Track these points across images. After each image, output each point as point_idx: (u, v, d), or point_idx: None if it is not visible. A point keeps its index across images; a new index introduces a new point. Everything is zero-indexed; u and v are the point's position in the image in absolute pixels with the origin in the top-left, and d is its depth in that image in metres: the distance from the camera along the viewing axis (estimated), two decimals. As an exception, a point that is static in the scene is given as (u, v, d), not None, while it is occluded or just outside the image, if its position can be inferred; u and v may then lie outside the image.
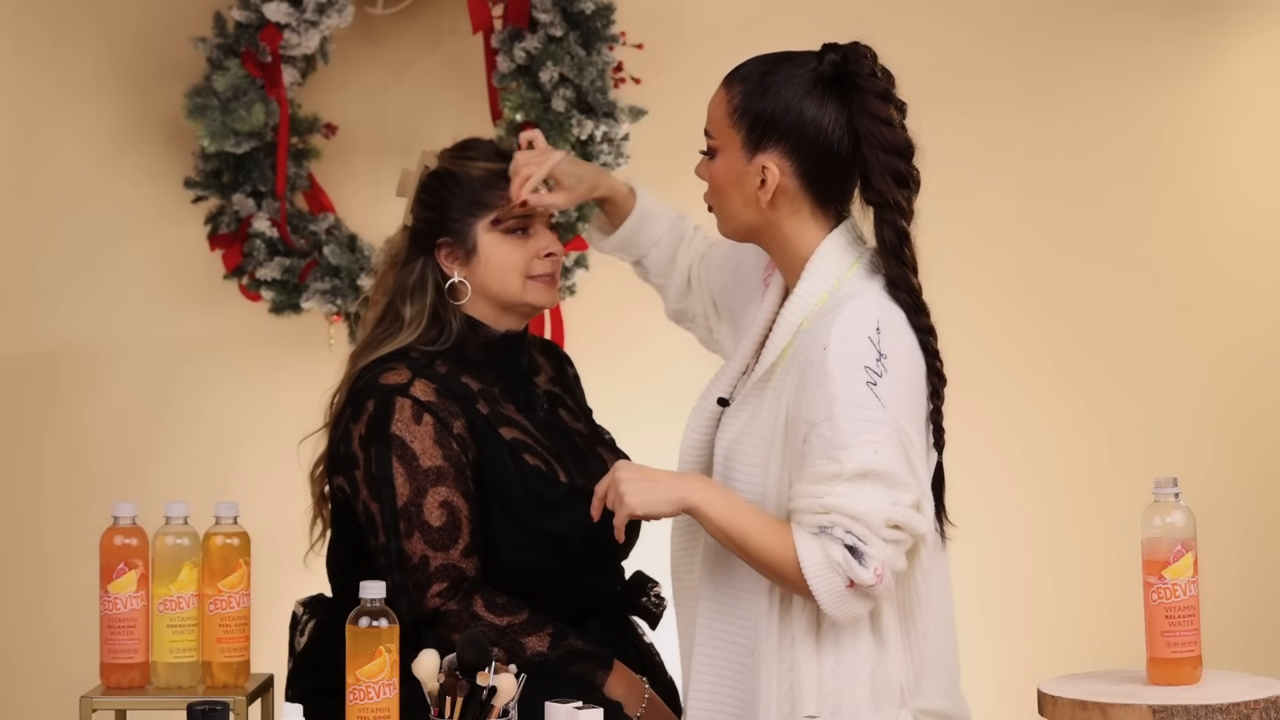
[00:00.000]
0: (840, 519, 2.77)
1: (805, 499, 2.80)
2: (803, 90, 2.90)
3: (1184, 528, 2.96)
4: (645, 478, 2.88)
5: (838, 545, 2.77)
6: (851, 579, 2.77)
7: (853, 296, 2.88)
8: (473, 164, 3.27)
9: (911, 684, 2.89)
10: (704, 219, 4.62)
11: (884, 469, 2.77)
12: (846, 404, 2.78)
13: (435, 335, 3.24)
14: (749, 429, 2.93)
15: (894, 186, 2.89)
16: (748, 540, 2.82)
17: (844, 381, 2.79)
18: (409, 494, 3.12)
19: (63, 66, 4.51)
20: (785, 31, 4.60)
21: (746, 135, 2.92)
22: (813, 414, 2.80)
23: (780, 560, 2.80)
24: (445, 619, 3.09)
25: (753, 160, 2.92)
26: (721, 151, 2.96)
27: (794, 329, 2.91)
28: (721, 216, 3.01)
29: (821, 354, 2.81)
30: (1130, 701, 2.83)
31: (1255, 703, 2.83)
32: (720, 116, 2.96)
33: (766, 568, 2.83)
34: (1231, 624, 4.49)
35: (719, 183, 2.98)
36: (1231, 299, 4.72)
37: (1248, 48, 4.73)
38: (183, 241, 4.49)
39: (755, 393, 2.95)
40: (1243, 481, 4.69)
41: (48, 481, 4.49)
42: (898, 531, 2.80)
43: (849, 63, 2.91)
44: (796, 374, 2.86)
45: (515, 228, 3.25)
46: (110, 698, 3.22)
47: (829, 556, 2.77)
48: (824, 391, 2.79)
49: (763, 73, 2.94)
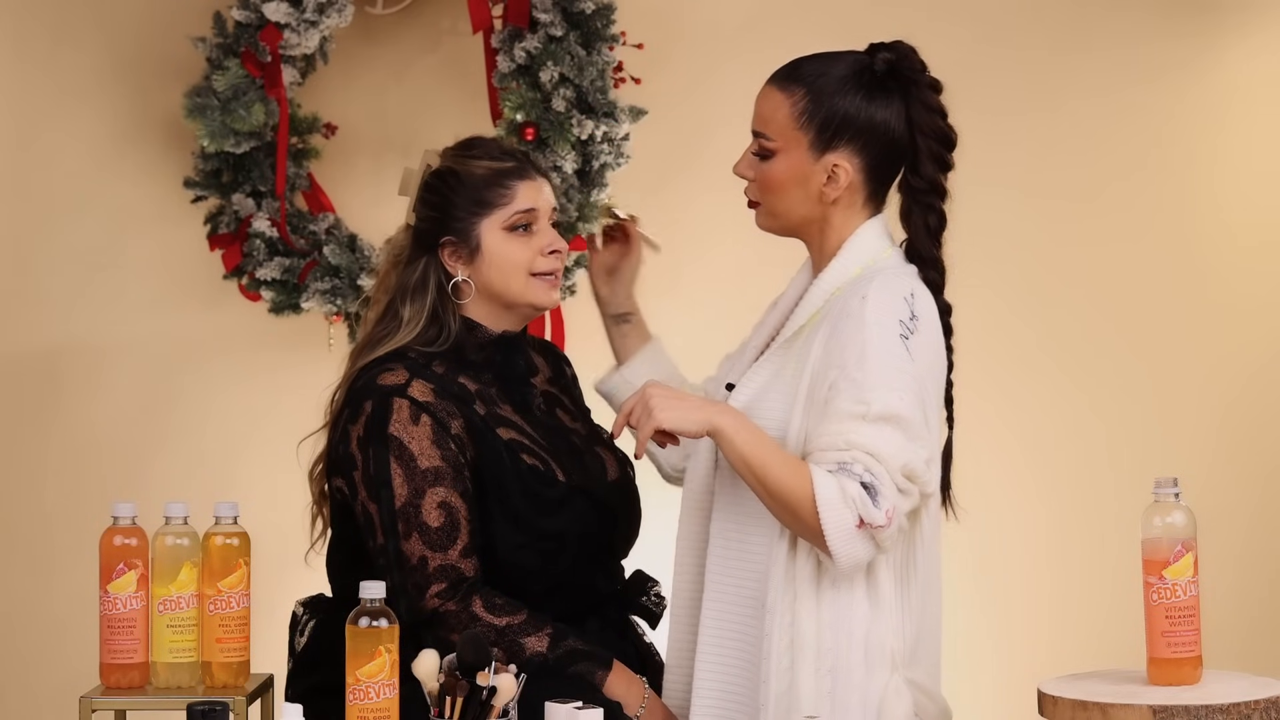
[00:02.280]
0: (860, 455, 2.83)
1: (828, 437, 2.85)
2: (867, 90, 3.00)
3: (1184, 528, 2.96)
4: (676, 395, 2.93)
5: (854, 481, 2.82)
6: (863, 517, 2.81)
7: (887, 269, 2.99)
8: (476, 163, 3.27)
9: (903, 652, 2.94)
10: (708, 218, 4.64)
11: (907, 416, 2.85)
12: (879, 349, 2.87)
13: (434, 335, 3.24)
14: (772, 385, 2.98)
15: (939, 171, 3.03)
16: (767, 470, 2.86)
17: (879, 329, 2.88)
18: (407, 495, 3.11)
19: (62, 67, 4.50)
20: (785, 31, 4.62)
21: (816, 136, 2.99)
22: (844, 358, 2.88)
23: (796, 493, 2.84)
24: (444, 620, 3.09)
25: (821, 159, 3.00)
26: (783, 153, 3.01)
27: (827, 296, 2.99)
28: (771, 212, 3.06)
29: (860, 303, 2.90)
30: (1130, 701, 2.83)
31: (1255, 703, 2.83)
32: (783, 119, 3.01)
33: (780, 501, 2.86)
34: (1233, 624, 4.49)
35: (778, 181, 3.03)
36: (1233, 299, 4.72)
37: (1247, 48, 4.73)
38: (183, 241, 4.49)
39: (778, 354, 3.01)
40: (1244, 482, 4.69)
41: (48, 481, 4.49)
42: (909, 482, 2.86)
43: (902, 59, 3.02)
44: (829, 327, 2.93)
45: (519, 223, 3.25)
46: (110, 698, 3.22)
47: (844, 491, 2.82)
48: (859, 337, 2.87)
49: (822, 74, 3.01)
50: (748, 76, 4.58)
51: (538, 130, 4.31)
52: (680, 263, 4.62)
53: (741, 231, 4.57)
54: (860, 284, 2.96)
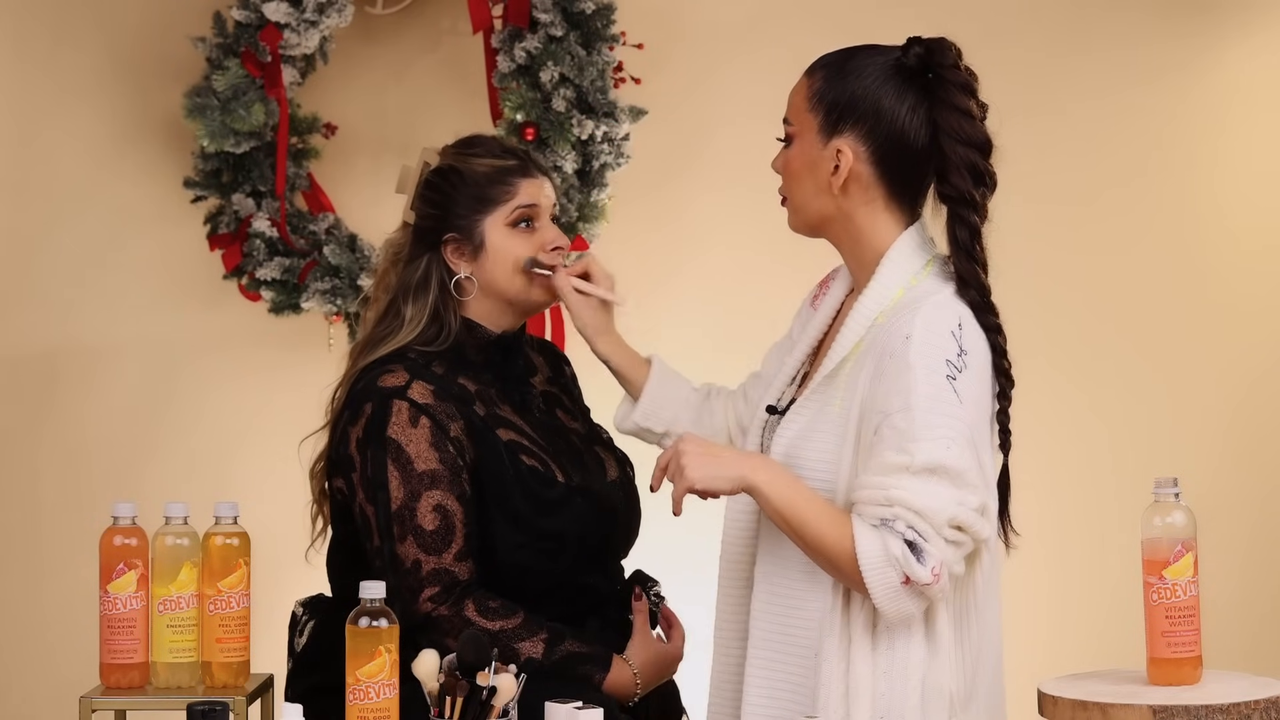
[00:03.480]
0: (903, 513, 2.73)
1: (870, 489, 2.76)
2: (883, 77, 2.89)
3: (1184, 528, 2.96)
4: (709, 452, 2.84)
5: (897, 539, 2.73)
6: (908, 575, 2.74)
7: (930, 294, 2.86)
8: (478, 160, 3.27)
9: (963, 694, 2.86)
10: (708, 218, 4.64)
11: (954, 466, 2.74)
12: (925, 395, 2.75)
13: (434, 335, 3.24)
14: (816, 425, 2.88)
15: (970, 182, 2.90)
16: (804, 526, 2.78)
17: (924, 373, 2.76)
18: (403, 498, 3.11)
19: (62, 67, 4.50)
20: (785, 31, 4.62)
21: (824, 119, 2.90)
22: (888, 404, 2.77)
23: (836, 549, 2.76)
24: (437, 624, 3.09)
25: (828, 144, 2.90)
26: (798, 137, 2.93)
27: (868, 323, 2.88)
28: (793, 207, 2.97)
29: (904, 343, 2.78)
30: (1130, 701, 2.83)
31: (1256, 703, 2.83)
32: (799, 102, 2.93)
33: (821, 556, 2.79)
34: (1236, 625, 4.49)
35: (794, 168, 2.94)
36: (1235, 301, 4.72)
37: (1247, 48, 4.73)
38: (182, 241, 4.49)
39: (821, 390, 2.90)
40: (1245, 483, 4.69)
41: (47, 481, 4.49)
42: (959, 533, 2.76)
43: (933, 55, 2.92)
44: (873, 364, 2.82)
45: (522, 217, 3.25)
46: (110, 698, 3.22)
47: (887, 550, 2.74)
48: (903, 381, 2.76)
49: (844, 59, 2.93)
50: (748, 76, 4.62)
51: (538, 130, 4.31)
52: (680, 263, 4.63)
53: (741, 231, 4.59)
54: (903, 314, 2.83)
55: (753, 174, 4.57)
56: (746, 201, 4.59)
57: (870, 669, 2.81)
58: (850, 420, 2.83)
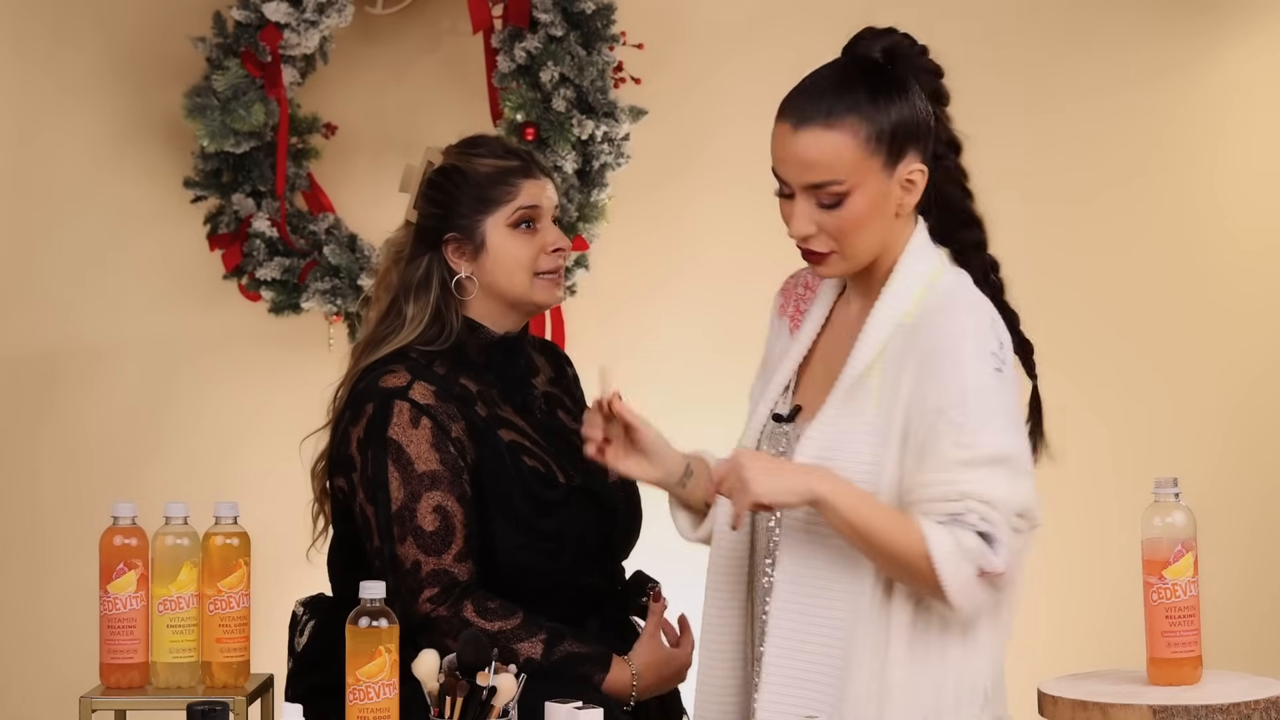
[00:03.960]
0: (975, 505, 2.73)
1: (935, 486, 2.75)
2: (893, 89, 2.85)
3: (1184, 528, 2.96)
4: (771, 466, 2.79)
5: (969, 532, 2.72)
6: (982, 567, 2.73)
7: (958, 289, 2.87)
8: (481, 160, 3.27)
9: (994, 688, 2.85)
10: (708, 218, 4.63)
11: (1013, 454, 2.77)
12: (979, 389, 2.76)
13: (435, 334, 3.24)
14: (849, 430, 2.83)
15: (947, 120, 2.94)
16: (874, 533, 2.75)
17: (976, 367, 2.78)
18: (403, 498, 3.11)
19: (62, 67, 4.50)
20: (785, 31, 4.62)
21: (886, 155, 2.82)
22: (942, 400, 2.76)
23: (909, 551, 2.73)
24: (436, 625, 3.09)
25: (894, 175, 2.84)
26: (858, 188, 2.81)
27: (894, 325, 2.85)
28: (851, 254, 2.86)
29: (952, 341, 2.79)
30: (1130, 701, 2.83)
31: (1256, 703, 2.83)
32: (850, 156, 2.81)
33: (893, 560, 2.76)
34: (1236, 625, 4.48)
35: (861, 219, 2.83)
36: (1236, 302, 4.72)
37: (1247, 48, 4.73)
38: (182, 241, 4.49)
39: (849, 395, 2.86)
40: (1246, 483, 4.69)
41: (47, 481, 4.49)
42: (1022, 520, 2.78)
43: (890, 43, 2.90)
44: (915, 364, 2.80)
45: (524, 218, 3.24)
46: (110, 698, 3.22)
47: (960, 545, 2.72)
48: (956, 377, 2.77)
49: (849, 93, 2.83)
50: (748, 76, 4.61)
51: (538, 130, 4.31)
52: (680, 263, 4.63)
53: (741, 231, 4.59)
54: (941, 313, 2.82)
55: (753, 174, 4.57)
56: (746, 201, 4.58)
57: (907, 670, 2.78)
58: (893, 422, 2.81)
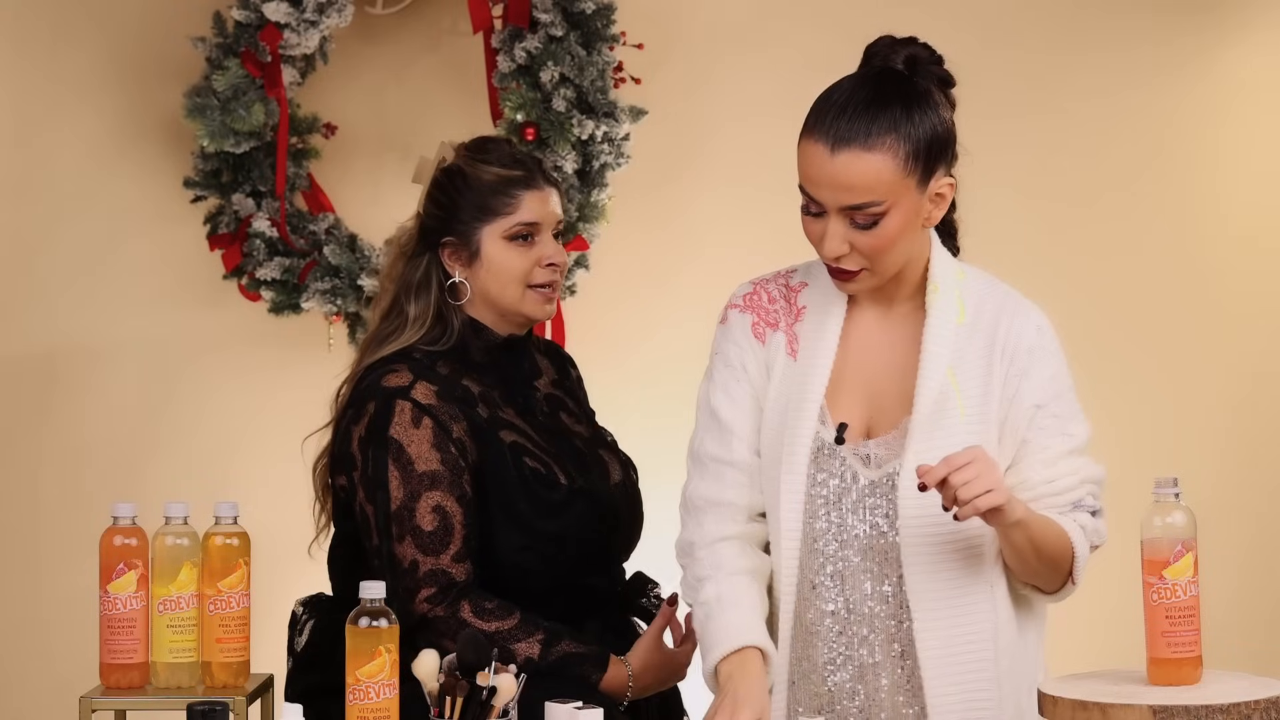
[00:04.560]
0: (1091, 487, 2.90)
1: (1062, 479, 2.88)
2: (920, 100, 2.84)
3: (1184, 528, 2.96)
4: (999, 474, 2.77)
5: (1084, 513, 2.89)
6: (1094, 543, 2.90)
7: (996, 281, 3.00)
8: (486, 168, 3.26)
9: None
10: (708, 218, 4.63)
11: (1089, 438, 2.93)
12: (1066, 379, 2.92)
13: (438, 334, 3.24)
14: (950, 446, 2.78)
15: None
16: (1046, 541, 2.85)
17: (1058, 359, 2.93)
18: (402, 498, 3.11)
19: (62, 66, 4.50)
20: (785, 31, 4.62)
21: (922, 172, 2.82)
22: (1040, 395, 2.89)
23: (1064, 551, 2.87)
24: (433, 625, 3.09)
25: (926, 190, 2.84)
26: (895, 207, 2.80)
27: (951, 332, 2.89)
28: (882, 269, 2.86)
29: (1038, 334, 2.93)
30: (1130, 702, 2.83)
31: (1256, 703, 2.82)
32: (890, 175, 2.79)
33: (1052, 563, 2.87)
34: (1236, 625, 4.48)
35: (895, 237, 2.82)
36: (1236, 302, 4.72)
37: (1247, 48, 4.73)
38: (182, 241, 4.49)
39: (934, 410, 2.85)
40: (1247, 483, 4.69)
41: (47, 481, 4.49)
42: None
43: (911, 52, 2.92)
44: (1003, 363, 2.89)
45: (520, 233, 3.24)
46: (110, 698, 3.22)
47: (1082, 528, 2.88)
48: (1051, 370, 2.91)
49: (892, 110, 2.82)
50: (748, 76, 4.61)
51: (538, 130, 4.31)
52: (680, 263, 4.63)
53: (741, 231, 4.59)
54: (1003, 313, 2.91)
55: (753, 174, 4.59)
56: (746, 201, 4.59)
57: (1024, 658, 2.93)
58: (988, 424, 2.87)
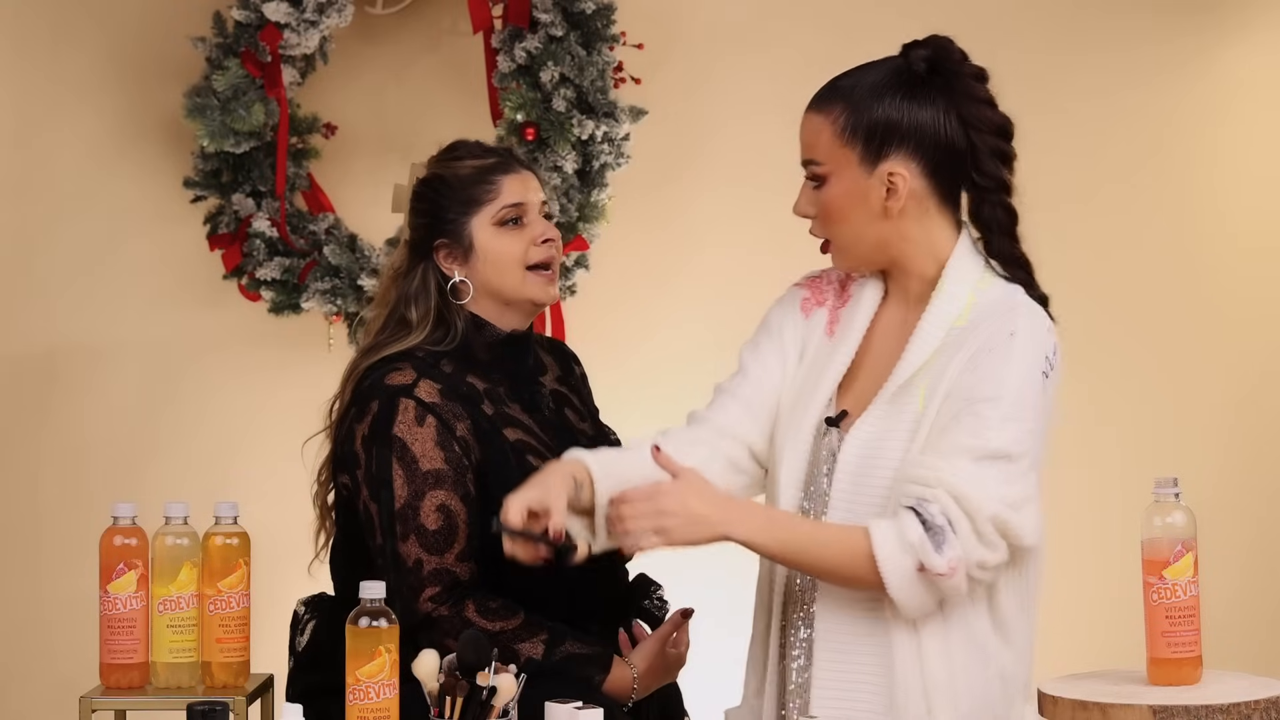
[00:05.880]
0: (943, 495, 2.72)
1: (922, 468, 2.75)
2: (905, 91, 2.87)
3: (1184, 528, 2.96)
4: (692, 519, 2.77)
5: (915, 526, 2.71)
6: (922, 562, 2.71)
7: (1014, 293, 2.90)
8: (460, 164, 3.27)
9: (1030, 681, 2.88)
10: (709, 218, 4.64)
11: (1018, 454, 2.77)
12: (1016, 388, 2.79)
13: (441, 336, 3.24)
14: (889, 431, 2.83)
15: (1001, 167, 2.92)
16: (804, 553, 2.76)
17: (1024, 367, 2.81)
18: (406, 496, 3.11)
19: (62, 66, 4.51)
20: (785, 31, 4.62)
21: (864, 149, 2.85)
22: (976, 391, 2.78)
23: (850, 563, 2.74)
24: (437, 624, 3.09)
25: (874, 172, 2.86)
26: (834, 175, 2.87)
27: (944, 333, 2.87)
28: (842, 244, 2.91)
29: (1008, 339, 2.82)
30: (1130, 702, 2.83)
31: (1256, 703, 2.82)
32: (826, 140, 2.86)
33: (836, 572, 2.77)
34: (1236, 625, 4.48)
35: (837, 206, 2.88)
36: (1235, 302, 4.72)
37: (1246, 48, 4.73)
38: (182, 241, 4.49)
39: (894, 400, 2.85)
40: (1247, 483, 4.69)
41: (47, 481, 4.49)
42: (998, 536, 2.76)
43: (939, 55, 2.92)
44: (965, 358, 2.81)
45: (509, 216, 3.25)
46: (110, 698, 3.22)
47: (903, 536, 2.72)
48: (1000, 372, 2.79)
49: (857, 85, 2.88)
50: (748, 76, 4.62)
51: (538, 130, 4.31)
52: (680, 263, 4.63)
53: (741, 231, 4.59)
54: (999, 314, 2.85)
55: (752, 174, 4.59)
56: (746, 201, 4.59)
57: (947, 665, 2.79)
58: (924, 422, 2.82)
